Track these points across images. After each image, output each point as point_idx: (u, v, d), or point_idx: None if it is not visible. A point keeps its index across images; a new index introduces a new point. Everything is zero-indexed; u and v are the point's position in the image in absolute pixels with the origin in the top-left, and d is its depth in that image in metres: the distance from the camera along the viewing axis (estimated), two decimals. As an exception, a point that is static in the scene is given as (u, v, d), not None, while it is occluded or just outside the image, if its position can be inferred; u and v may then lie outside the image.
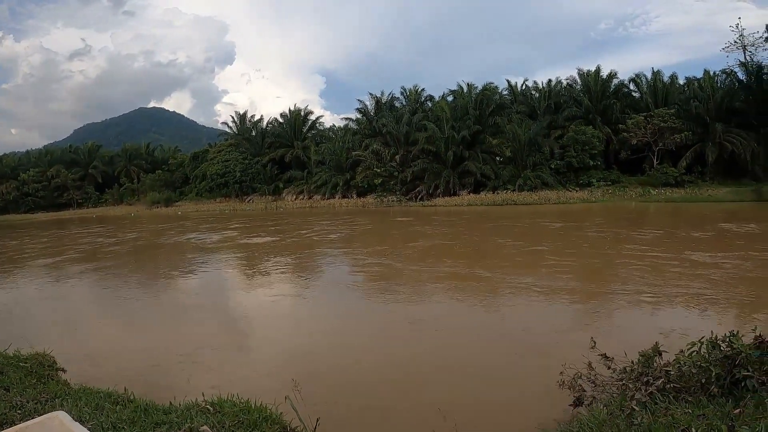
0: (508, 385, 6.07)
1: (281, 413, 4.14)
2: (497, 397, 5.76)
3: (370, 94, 52.09)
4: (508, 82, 51.26)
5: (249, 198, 55.52)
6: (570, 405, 4.49)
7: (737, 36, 38.43)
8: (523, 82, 48.86)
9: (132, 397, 4.62)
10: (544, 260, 14.45)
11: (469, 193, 41.90)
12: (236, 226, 32.28)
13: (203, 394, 4.39)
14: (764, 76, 37.24)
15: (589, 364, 4.69)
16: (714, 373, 3.57)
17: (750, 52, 38.07)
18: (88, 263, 18.41)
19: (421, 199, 43.28)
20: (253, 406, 4.23)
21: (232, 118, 62.30)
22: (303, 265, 16.19)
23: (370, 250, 18.77)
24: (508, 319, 9.17)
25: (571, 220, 25.79)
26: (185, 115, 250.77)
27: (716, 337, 3.84)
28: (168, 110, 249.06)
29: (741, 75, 38.59)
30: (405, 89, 51.92)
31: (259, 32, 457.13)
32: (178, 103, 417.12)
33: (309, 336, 8.56)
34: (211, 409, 4.10)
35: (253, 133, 59.54)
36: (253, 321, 10.01)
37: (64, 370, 5.73)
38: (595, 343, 4.83)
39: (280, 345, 8.21)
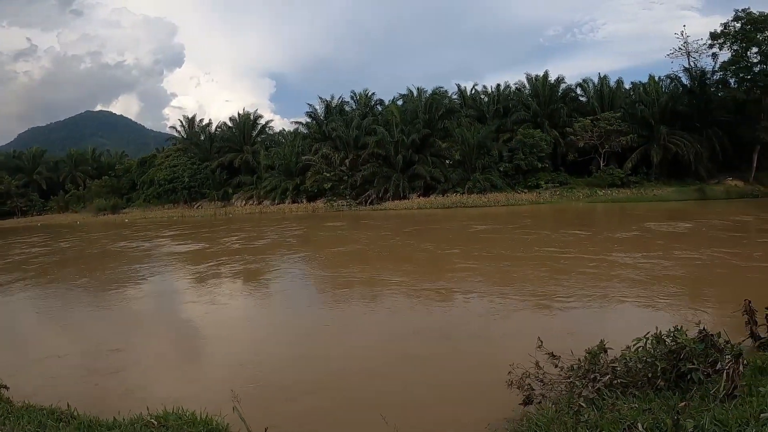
0: (445, 388, 5.81)
1: (228, 424, 4.06)
2: (433, 398, 5.55)
3: (320, 98, 50.46)
4: (458, 86, 50.62)
5: (198, 204, 53.28)
6: (520, 404, 4.43)
7: (682, 43, 39.44)
8: (473, 87, 48.76)
9: (75, 414, 4.44)
10: (457, 264, 14.14)
11: (419, 196, 41.23)
12: (172, 234, 31.03)
13: (147, 408, 4.27)
14: (707, 81, 38.43)
15: (537, 363, 4.61)
16: (660, 368, 3.67)
17: (694, 58, 39.13)
18: (10, 274, 17.40)
19: (371, 203, 42.29)
20: (198, 418, 4.11)
21: (181, 122, 59.41)
22: (217, 273, 15.32)
23: (290, 256, 18.69)
24: (405, 322, 8.83)
25: (505, 222, 25.34)
26: (132, 119, 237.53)
27: (661, 332, 3.93)
28: (115, 114, 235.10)
29: (685, 80, 39.69)
30: (355, 93, 50.50)
31: (208, 34, 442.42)
32: (125, 106, 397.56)
33: (216, 343, 8.40)
34: (156, 422, 4.03)
35: (202, 138, 57.05)
36: (149, 329, 9.67)
37: (6, 387, 5.42)
38: (541, 342, 4.75)
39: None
